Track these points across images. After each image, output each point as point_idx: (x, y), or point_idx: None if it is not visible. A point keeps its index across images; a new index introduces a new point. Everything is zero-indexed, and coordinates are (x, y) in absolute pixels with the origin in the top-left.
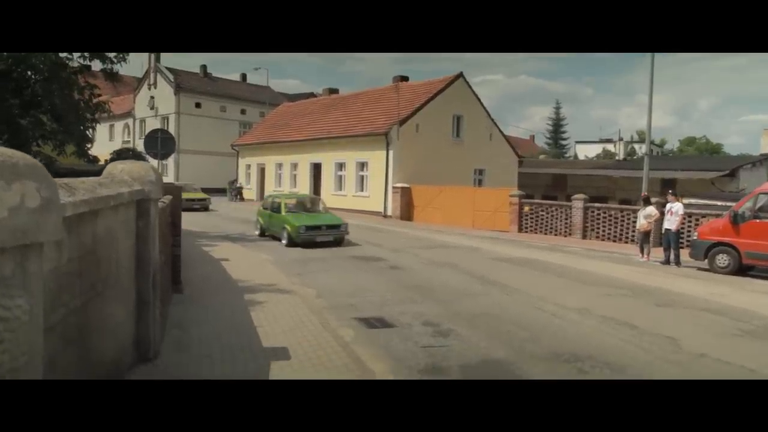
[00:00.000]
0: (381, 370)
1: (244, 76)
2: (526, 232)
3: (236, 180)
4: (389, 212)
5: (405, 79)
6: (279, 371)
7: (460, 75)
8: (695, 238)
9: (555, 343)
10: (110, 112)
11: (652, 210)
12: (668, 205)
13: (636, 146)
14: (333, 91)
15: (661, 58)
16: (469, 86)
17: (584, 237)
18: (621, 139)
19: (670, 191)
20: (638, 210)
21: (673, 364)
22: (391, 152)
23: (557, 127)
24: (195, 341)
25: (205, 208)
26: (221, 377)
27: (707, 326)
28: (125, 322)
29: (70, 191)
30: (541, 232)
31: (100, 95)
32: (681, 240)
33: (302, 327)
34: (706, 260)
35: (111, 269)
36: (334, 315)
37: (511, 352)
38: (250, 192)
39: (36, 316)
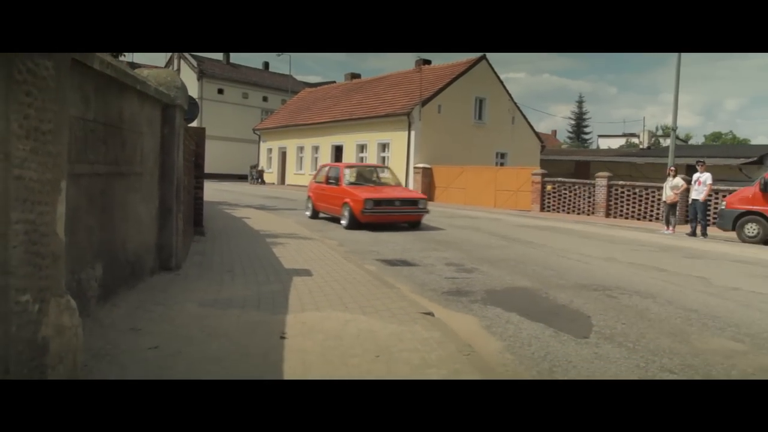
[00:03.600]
0: (406, 290)
1: (266, 65)
2: (549, 211)
3: (257, 164)
4: None
5: (428, 62)
6: (302, 284)
7: (483, 57)
8: (723, 207)
9: (581, 279)
10: None
11: (678, 181)
12: (696, 175)
13: (660, 140)
14: (355, 75)
15: (686, 55)
16: (492, 69)
17: (608, 215)
18: (644, 129)
19: (698, 160)
20: (663, 185)
21: (705, 293)
22: (413, 133)
23: (580, 121)
24: (217, 263)
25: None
26: (242, 287)
27: (739, 271)
28: (148, 224)
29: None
30: (563, 211)
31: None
32: (708, 212)
33: (324, 259)
34: (734, 231)
35: (135, 158)
36: (357, 256)
37: (537, 283)
38: (271, 175)
39: (62, 96)
